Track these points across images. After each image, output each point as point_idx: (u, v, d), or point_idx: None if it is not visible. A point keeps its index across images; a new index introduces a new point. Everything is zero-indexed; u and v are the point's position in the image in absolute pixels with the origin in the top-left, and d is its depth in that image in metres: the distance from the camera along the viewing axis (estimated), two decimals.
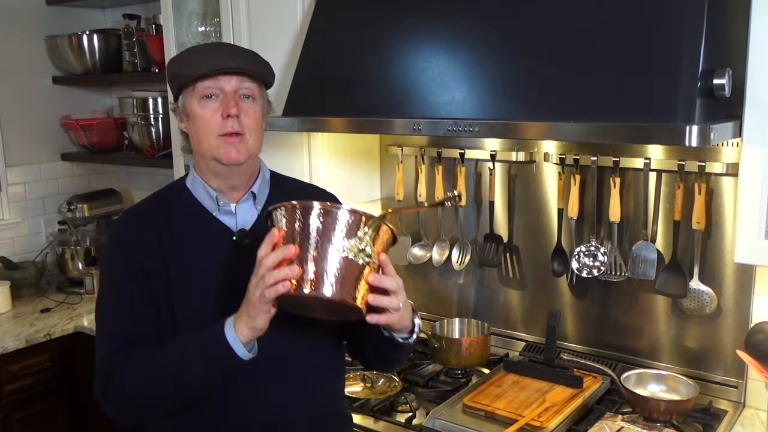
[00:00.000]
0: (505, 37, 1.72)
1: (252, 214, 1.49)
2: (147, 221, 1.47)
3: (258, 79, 1.44)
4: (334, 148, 2.36)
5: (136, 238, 1.44)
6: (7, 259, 3.05)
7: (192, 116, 1.42)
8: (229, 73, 1.39)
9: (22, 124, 3.16)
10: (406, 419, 1.89)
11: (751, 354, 1.78)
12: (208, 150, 1.41)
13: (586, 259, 2.10)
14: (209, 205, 1.47)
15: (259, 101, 1.45)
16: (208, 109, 1.39)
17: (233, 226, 1.47)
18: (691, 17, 1.48)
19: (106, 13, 3.38)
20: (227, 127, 1.39)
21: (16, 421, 2.62)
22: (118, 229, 1.51)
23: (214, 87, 1.39)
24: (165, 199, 1.52)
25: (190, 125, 1.44)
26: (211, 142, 1.40)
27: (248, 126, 1.41)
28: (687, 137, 1.39)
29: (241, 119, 1.40)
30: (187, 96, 1.42)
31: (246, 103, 1.42)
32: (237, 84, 1.40)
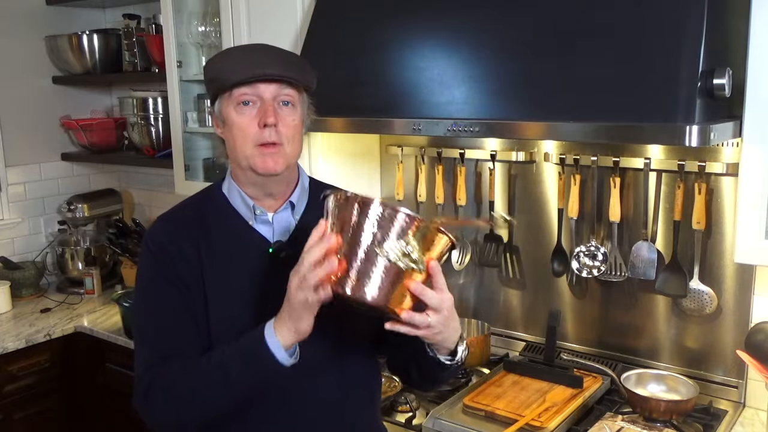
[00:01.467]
0: (506, 37, 1.72)
1: (290, 224, 1.44)
2: (183, 228, 1.41)
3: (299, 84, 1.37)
4: (334, 148, 2.36)
5: (173, 245, 1.38)
6: (7, 259, 3.05)
7: (228, 123, 1.36)
8: (268, 80, 1.33)
9: (22, 124, 3.16)
10: (406, 419, 1.89)
11: (751, 354, 1.78)
12: (245, 159, 1.36)
13: (586, 259, 2.10)
14: (245, 213, 1.42)
15: (299, 107, 1.38)
16: (245, 117, 1.33)
17: (270, 235, 1.42)
18: (691, 17, 1.48)
19: (106, 13, 3.38)
20: (264, 137, 1.33)
21: (16, 421, 2.62)
22: (155, 237, 1.42)
23: (251, 94, 1.33)
24: (201, 206, 1.46)
25: (226, 132, 1.38)
26: (247, 151, 1.35)
27: (286, 135, 1.35)
28: (687, 137, 1.39)
29: (279, 128, 1.34)
30: (224, 102, 1.36)
31: (285, 111, 1.35)
32: (276, 91, 1.34)
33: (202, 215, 1.43)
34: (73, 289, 3.13)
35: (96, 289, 3.08)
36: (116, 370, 2.64)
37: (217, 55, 1.43)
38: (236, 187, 1.42)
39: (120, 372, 2.61)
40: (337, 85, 1.96)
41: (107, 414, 2.71)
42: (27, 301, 3.01)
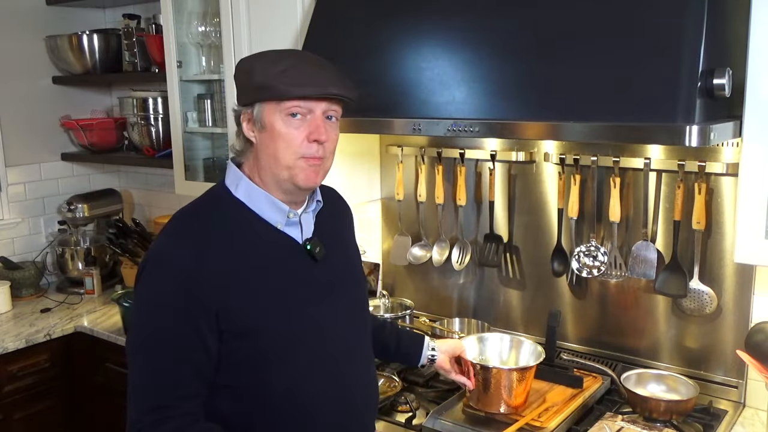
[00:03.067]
0: (506, 37, 1.72)
1: (311, 221, 1.46)
2: (208, 245, 1.32)
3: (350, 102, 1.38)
4: None
5: (199, 266, 1.28)
6: (7, 259, 3.05)
7: (272, 132, 1.33)
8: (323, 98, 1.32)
9: (22, 124, 3.16)
10: (406, 419, 1.89)
11: (751, 354, 1.78)
12: (286, 170, 1.34)
13: (586, 259, 2.10)
14: (273, 218, 1.39)
15: (339, 121, 1.40)
16: (293, 130, 1.32)
17: (298, 236, 1.42)
18: (691, 17, 1.48)
19: (106, 13, 3.38)
20: (311, 151, 1.33)
21: (15, 421, 2.62)
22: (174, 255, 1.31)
23: (303, 107, 1.32)
24: (218, 217, 1.38)
25: (266, 138, 1.34)
26: (290, 161, 1.33)
27: (330, 150, 1.37)
28: (687, 137, 1.39)
29: (326, 144, 1.35)
30: (269, 108, 1.32)
31: (330, 126, 1.36)
32: (327, 107, 1.34)
33: (223, 226, 1.36)
34: (73, 289, 3.13)
35: (96, 289, 3.08)
36: (116, 370, 2.63)
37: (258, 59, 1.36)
38: (263, 192, 1.38)
39: (120, 372, 2.61)
40: None
41: (107, 414, 2.71)
42: (27, 301, 3.01)
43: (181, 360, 1.29)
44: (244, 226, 1.37)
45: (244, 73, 1.35)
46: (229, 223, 1.37)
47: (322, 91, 1.30)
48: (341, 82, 1.34)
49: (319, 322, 1.41)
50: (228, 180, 1.42)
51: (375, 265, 2.62)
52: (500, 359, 1.99)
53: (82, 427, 2.82)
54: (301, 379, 1.39)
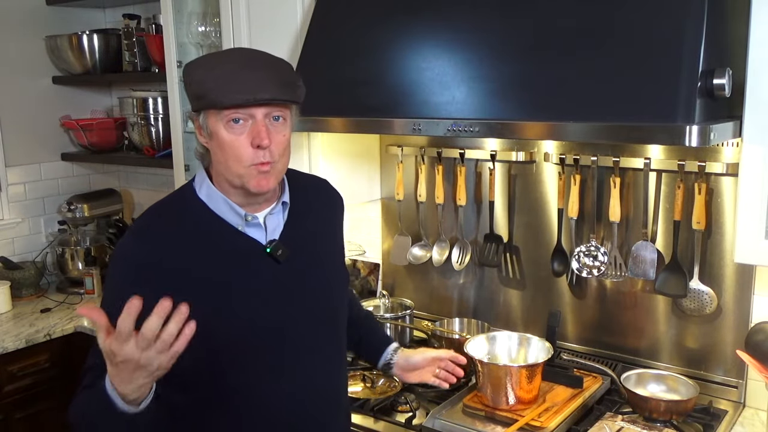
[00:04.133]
0: (505, 37, 1.72)
1: (279, 223, 1.44)
2: (165, 243, 1.35)
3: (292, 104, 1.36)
4: (334, 148, 2.36)
5: (155, 264, 1.32)
6: (7, 259, 3.05)
7: (217, 139, 1.32)
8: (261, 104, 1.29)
9: (22, 124, 3.16)
10: (406, 419, 1.89)
11: (751, 354, 1.78)
12: (237, 178, 1.34)
13: (586, 259, 2.10)
14: (233, 220, 1.39)
15: (289, 120, 1.37)
16: (236, 137, 1.30)
17: (260, 237, 1.41)
18: (691, 17, 1.48)
19: (106, 13, 3.38)
20: (258, 158, 1.31)
21: (16, 421, 2.63)
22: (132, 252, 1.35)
23: (243, 113, 1.30)
24: (179, 216, 1.40)
25: (214, 146, 1.35)
26: (240, 171, 1.33)
27: (278, 152, 1.33)
28: (687, 137, 1.39)
29: (271, 147, 1.32)
30: (211, 116, 1.32)
31: (276, 127, 1.33)
32: (268, 109, 1.31)
33: (182, 225, 1.38)
34: (73, 289, 3.13)
35: (96, 289, 3.08)
36: None
37: (200, 66, 1.34)
38: (221, 195, 1.39)
39: None
40: (337, 85, 1.96)
41: None
42: (27, 301, 3.01)
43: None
44: (203, 226, 1.38)
45: (186, 81, 1.35)
46: (190, 223, 1.38)
47: (252, 98, 1.27)
48: (276, 85, 1.30)
49: (275, 323, 1.40)
50: (195, 180, 1.44)
51: (375, 265, 2.62)
52: (509, 357, 2.00)
53: None
54: (255, 377, 1.40)
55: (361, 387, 2.09)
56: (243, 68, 1.31)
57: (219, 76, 1.29)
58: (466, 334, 2.28)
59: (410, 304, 2.46)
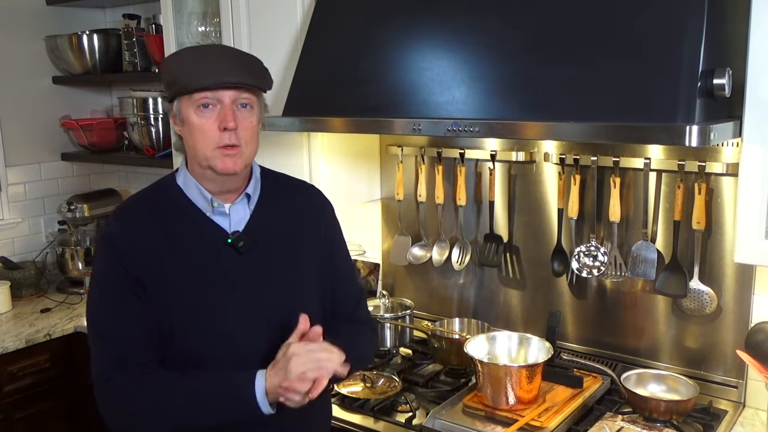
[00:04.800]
0: (506, 37, 1.72)
1: (245, 214, 1.51)
2: (139, 223, 1.47)
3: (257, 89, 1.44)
4: (334, 148, 2.36)
5: (129, 246, 1.44)
6: (7, 259, 3.05)
7: (188, 124, 1.42)
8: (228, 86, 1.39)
9: (22, 124, 3.16)
10: (406, 419, 1.89)
11: (751, 354, 1.78)
12: (205, 159, 1.42)
13: (586, 259, 2.10)
14: (203, 206, 1.48)
15: (256, 108, 1.46)
16: (205, 120, 1.40)
17: (227, 226, 1.49)
18: (691, 17, 1.48)
19: (106, 13, 3.38)
20: (224, 140, 1.40)
21: (16, 421, 2.62)
22: (112, 237, 1.48)
23: (211, 97, 1.39)
24: (156, 199, 1.51)
25: (185, 132, 1.45)
26: (207, 152, 1.41)
27: (245, 138, 1.42)
28: (687, 137, 1.39)
29: (239, 131, 1.41)
30: (183, 102, 1.42)
31: (243, 113, 1.42)
32: (235, 95, 1.40)
33: (158, 208, 1.49)
34: (73, 289, 3.12)
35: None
36: None
37: (174, 56, 1.48)
38: (194, 181, 1.48)
39: None
40: (337, 85, 1.96)
41: None
42: (27, 301, 3.01)
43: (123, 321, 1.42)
44: (176, 210, 1.48)
45: (161, 71, 1.48)
46: (164, 207, 1.49)
47: (218, 80, 1.36)
48: (242, 71, 1.39)
49: (225, 309, 1.45)
50: (177, 169, 1.55)
51: (375, 265, 2.62)
52: (509, 357, 2.01)
53: (82, 427, 2.82)
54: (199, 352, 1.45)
55: (361, 387, 2.09)
56: (212, 56, 1.45)
57: (188, 63, 1.42)
58: (466, 334, 2.28)
59: (410, 304, 2.46)
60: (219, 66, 1.39)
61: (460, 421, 1.85)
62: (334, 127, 1.93)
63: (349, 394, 2.03)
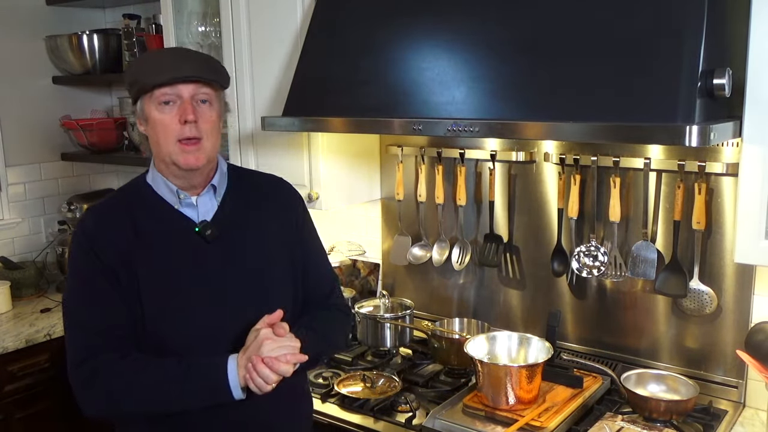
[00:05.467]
0: (505, 37, 1.72)
1: (213, 205, 1.57)
2: (112, 219, 1.53)
3: (214, 83, 1.49)
4: (334, 148, 2.36)
5: (101, 237, 1.50)
6: (7, 259, 3.05)
7: (151, 121, 1.48)
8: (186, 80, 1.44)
9: (22, 124, 3.16)
10: (406, 419, 1.89)
11: (751, 354, 1.78)
12: (168, 155, 1.48)
13: (586, 259, 2.10)
14: (171, 199, 1.54)
15: (216, 105, 1.51)
16: (166, 115, 1.45)
17: (195, 217, 1.55)
18: (691, 17, 1.48)
19: (106, 13, 3.38)
20: (185, 133, 1.45)
21: (16, 421, 2.62)
22: (84, 228, 1.53)
23: (171, 93, 1.45)
24: (128, 197, 1.58)
25: (149, 129, 1.50)
26: (170, 147, 1.47)
27: (205, 130, 1.48)
28: (687, 137, 1.39)
29: (199, 124, 1.46)
30: (146, 101, 1.47)
31: (203, 108, 1.48)
32: (194, 90, 1.46)
33: (129, 204, 1.55)
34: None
35: None
36: None
37: (136, 59, 1.59)
38: (161, 177, 1.54)
39: None
40: (337, 85, 1.96)
41: None
42: (27, 301, 3.01)
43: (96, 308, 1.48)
44: (146, 205, 1.54)
45: (125, 74, 1.54)
46: (134, 203, 1.55)
47: (175, 75, 1.42)
48: (198, 65, 1.46)
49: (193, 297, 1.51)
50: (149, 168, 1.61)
51: (375, 265, 2.62)
52: (509, 357, 2.01)
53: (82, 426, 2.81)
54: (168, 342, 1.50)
55: (361, 387, 2.09)
56: (169, 54, 1.57)
57: (148, 62, 1.52)
58: (466, 334, 2.28)
59: (410, 304, 2.46)
60: (176, 63, 1.46)
61: (460, 421, 1.85)
62: (334, 127, 1.93)
63: (349, 394, 2.03)
